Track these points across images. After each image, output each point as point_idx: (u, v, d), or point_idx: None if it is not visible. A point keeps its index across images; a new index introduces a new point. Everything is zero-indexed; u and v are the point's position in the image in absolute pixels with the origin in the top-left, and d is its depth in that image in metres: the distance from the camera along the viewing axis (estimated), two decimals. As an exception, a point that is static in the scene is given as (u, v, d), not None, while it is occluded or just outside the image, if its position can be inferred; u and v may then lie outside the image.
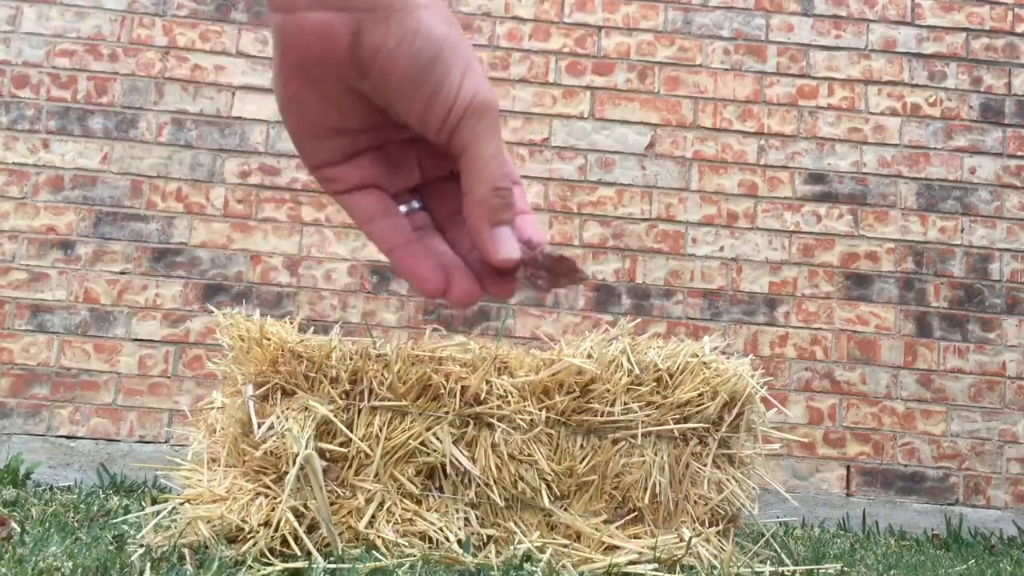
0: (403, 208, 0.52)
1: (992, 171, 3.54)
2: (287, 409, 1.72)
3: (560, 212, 3.44)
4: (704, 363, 1.84)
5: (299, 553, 1.57)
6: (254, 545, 1.58)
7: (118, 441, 3.23)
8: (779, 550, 1.99)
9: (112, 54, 3.44)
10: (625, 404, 1.77)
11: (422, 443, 1.72)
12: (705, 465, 1.83)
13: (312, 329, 2.13)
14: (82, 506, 2.25)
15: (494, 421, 1.74)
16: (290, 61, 0.46)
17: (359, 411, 1.74)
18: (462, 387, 1.74)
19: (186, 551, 1.53)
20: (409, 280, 0.51)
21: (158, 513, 1.69)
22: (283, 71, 0.47)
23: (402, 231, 0.51)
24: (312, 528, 1.64)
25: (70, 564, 1.35)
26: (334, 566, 1.48)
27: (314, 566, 1.45)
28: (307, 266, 3.37)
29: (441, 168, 0.52)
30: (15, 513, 2.02)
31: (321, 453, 1.69)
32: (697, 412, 1.81)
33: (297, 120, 0.49)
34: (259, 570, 1.45)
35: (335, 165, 0.50)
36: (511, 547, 1.67)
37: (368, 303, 3.36)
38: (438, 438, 1.72)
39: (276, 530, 1.60)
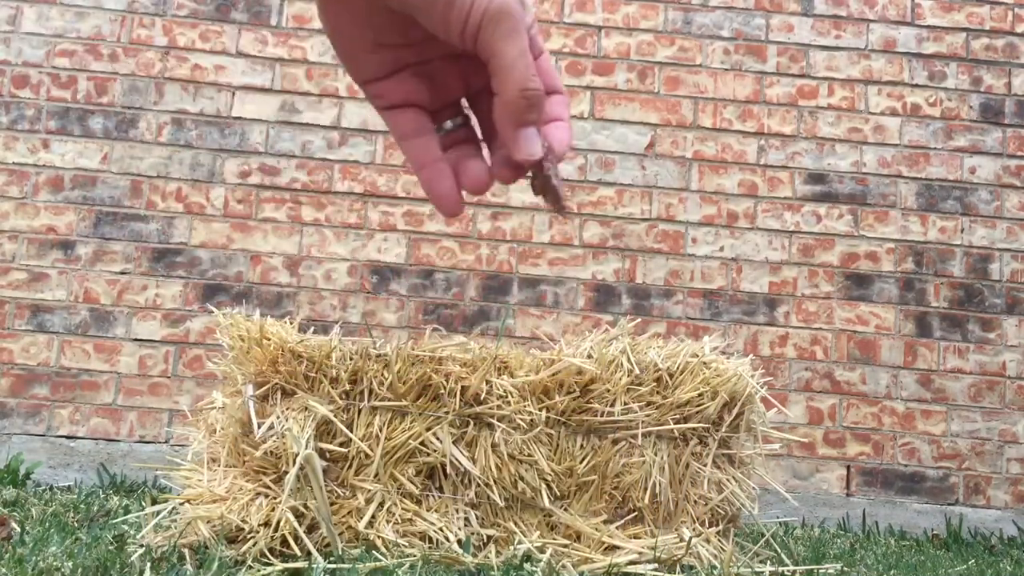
0: (448, 124, 0.55)
1: (992, 171, 3.54)
2: (287, 409, 1.72)
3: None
4: (704, 363, 1.84)
5: (299, 553, 1.57)
6: (254, 545, 1.58)
7: (118, 441, 3.23)
8: (779, 550, 1.99)
9: (112, 54, 3.44)
10: (625, 404, 1.77)
11: (422, 443, 1.72)
12: (705, 465, 1.83)
13: (312, 329, 2.13)
14: (82, 506, 2.25)
15: (494, 421, 1.74)
16: None
17: (359, 411, 1.74)
18: (462, 387, 1.74)
19: (186, 551, 1.53)
20: (429, 197, 0.54)
21: (158, 513, 1.69)
22: None
23: (431, 150, 0.54)
24: (312, 528, 1.64)
25: (70, 564, 1.35)
26: (334, 566, 1.48)
27: (314, 566, 1.45)
28: (307, 266, 3.37)
29: (484, 78, 0.54)
30: (15, 513, 2.02)
31: (321, 453, 1.69)
32: (697, 412, 1.81)
33: (339, 39, 0.53)
34: (259, 570, 1.45)
35: (379, 80, 0.53)
36: (511, 547, 1.67)
37: (368, 303, 3.36)
38: (438, 438, 1.72)
39: (276, 530, 1.60)
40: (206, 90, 3.44)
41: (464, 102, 0.57)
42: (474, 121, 0.58)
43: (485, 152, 0.56)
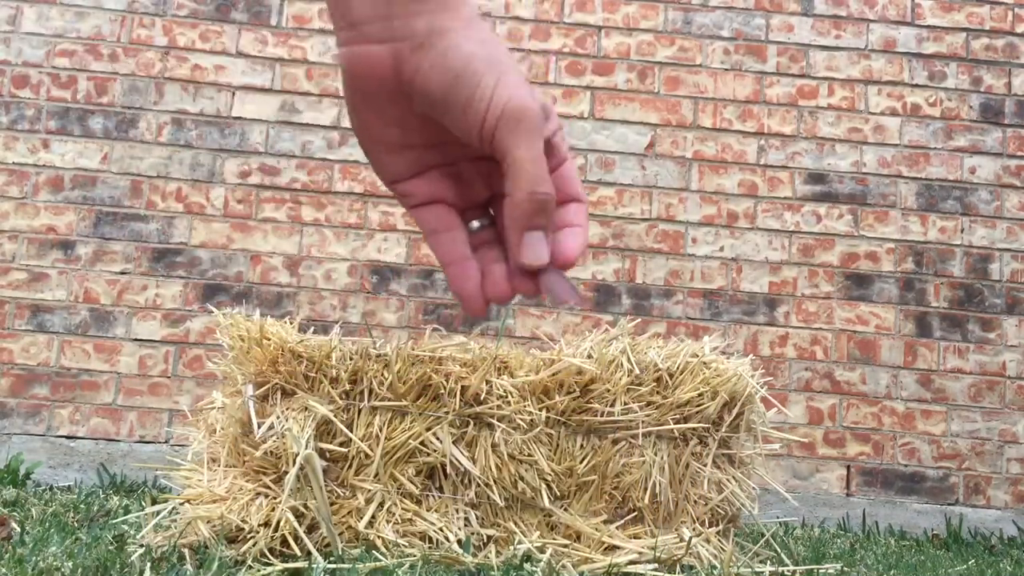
0: (475, 224, 0.56)
1: (992, 171, 3.54)
2: (287, 409, 1.72)
3: (560, 212, 3.44)
4: (704, 363, 1.84)
5: (299, 553, 1.57)
6: (254, 545, 1.58)
7: (118, 441, 3.23)
8: (779, 550, 1.99)
9: (112, 54, 3.44)
10: (625, 404, 1.77)
11: (422, 443, 1.72)
12: (705, 465, 1.83)
13: (312, 329, 2.13)
14: (82, 506, 2.25)
15: (494, 421, 1.74)
16: (351, 87, 0.52)
17: (359, 411, 1.74)
18: (462, 387, 1.74)
19: (186, 551, 1.53)
20: (453, 294, 0.54)
21: (158, 513, 1.69)
22: (349, 97, 0.53)
23: (459, 247, 0.54)
24: (312, 528, 1.64)
25: (70, 564, 1.35)
26: (334, 566, 1.48)
27: (314, 566, 1.45)
28: (307, 266, 3.37)
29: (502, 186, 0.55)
30: (15, 513, 2.02)
31: (321, 453, 1.69)
32: (697, 412, 1.81)
33: (367, 139, 0.54)
34: (259, 570, 1.45)
35: (406, 180, 0.54)
36: (511, 547, 1.67)
37: (368, 303, 3.36)
38: (438, 438, 1.72)
39: (276, 530, 1.60)
40: (206, 90, 3.44)
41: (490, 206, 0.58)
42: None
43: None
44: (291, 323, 1.85)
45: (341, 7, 0.51)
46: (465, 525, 1.70)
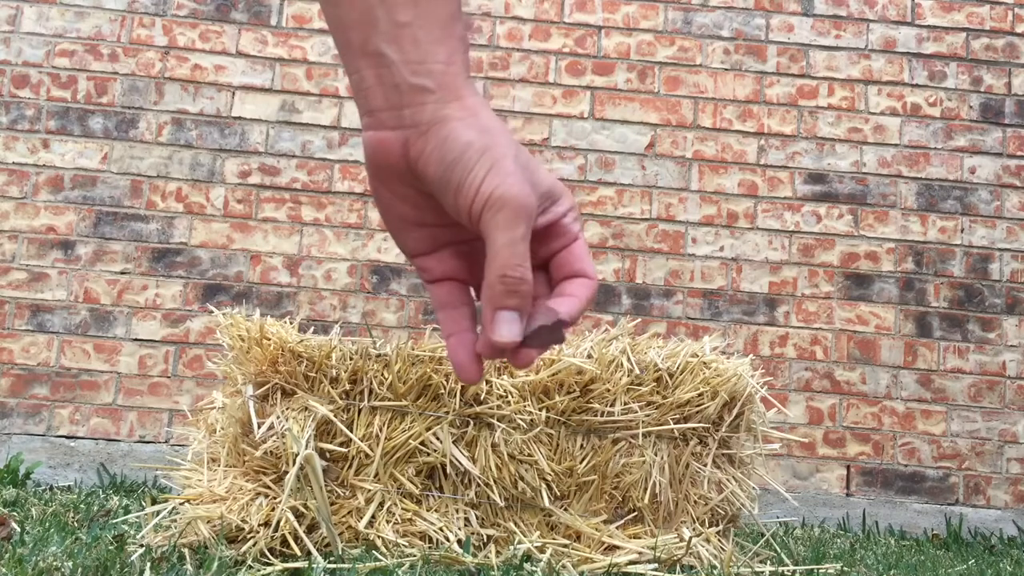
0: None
1: (992, 171, 3.54)
2: (287, 409, 1.72)
3: (560, 212, 3.44)
4: (704, 363, 1.84)
5: (299, 553, 1.57)
6: (254, 545, 1.58)
7: (118, 441, 3.23)
8: (779, 550, 1.99)
9: (112, 54, 3.44)
10: (625, 404, 1.77)
11: (422, 443, 1.72)
12: (705, 465, 1.83)
13: (312, 329, 2.13)
14: (82, 506, 2.25)
15: (494, 421, 1.74)
16: (371, 168, 0.57)
17: (359, 411, 1.74)
18: (462, 387, 1.74)
19: (186, 551, 1.53)
20: (451, 363, 0.58)
21: (158, 513, 1.69)
22: (370, 177, 0.58)
23: (462, 321, 0.58)
24: (312, 528, 1.64)
25: (70, 564, 1.35)
26: (334, 566, 1.48)
27: (314, 566, 1.45)
28: (307, 266, 3.37)
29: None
30: (15, 513, 2.02)
31: (321, 453, 1.69)
32: (697, 412, 1.81)
33: (388, 216, 0.59)
34: (259, 570, 1.45)
35: (424, 256, 0.59)
36: (511, 547, 1.67)
37: (368, 303, 3.36)
38: (438, 438, 1.72)
39: (276, 530, 1.60)
40: (206, 90, 3.44)
41: None
42: None
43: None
44: (291, 323, 1.85)
45: (362, 97, 0.56)
46: (465, 525, 1.70)
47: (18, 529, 1.72)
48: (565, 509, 1.75)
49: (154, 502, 1.91)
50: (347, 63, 0.57)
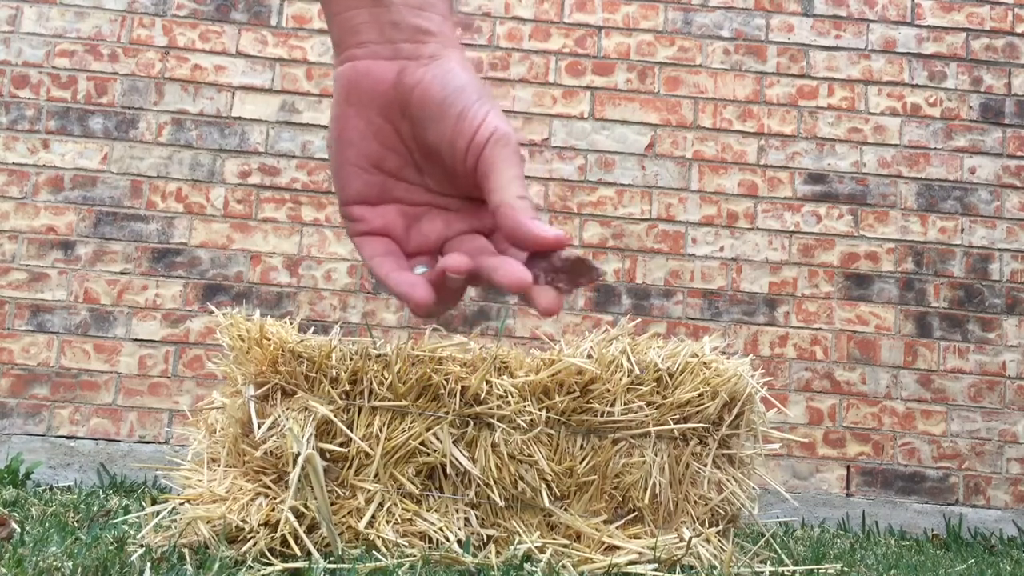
0: (420, 268, 0.58)
1: (992, 171, 3.54)
2: (287, 409, 1.72)
3: (560, 212, 3.44)
4: (704, 363, 1.84)
5: (299, 553, 1.57)
6: (254, 545, 1.58)
7: (118, 441, 3.23)
8: (779, 550, 1.99)
9: (112, 54, 3.44)
10: (625, 404, 1.77)
11: (422, 443, 1.72)
12: (705, 465, 1.83)
13: (312, 329, 2.13)
14: (82, 506, 2.25)
15: (494, 421, 1.74)
16: (344, 93, 0.56)
17: (359, 411, 1.74)
18: (462, 387, 1.74)
19: (186, 551, 1.53)
20: (399, 293, 0.55)
21: (158, 513, 1.69)
22: (339, 107, 0.56)
23: (401, 262, 0.57)
24: (312, 528, 1.64)
25: (70, 564, 1.35)
26: (334, 566, 1.48)
27: (314, 566, 1.45)
28: (307, 266, 3.37)
29: (461, 227, 0.58)
30: (15, 513, 2.02)
31: (321, 453, 1.69)
32: (697, 412, 1.81)
33: (343, 149, 0.57)
34: (259, 570, 1.45)
35: (365, 204, 0.58)
36: (511, 547, 1.67)
37: (368, 303, 3.36)
38: (438, 438, 1.72)
39: (276, 530, 1.60)
40: (206, 90, 3.44)
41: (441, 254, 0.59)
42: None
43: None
44: (291, 323, 1.85)
45: (349, 33, 0.56)
46: (465, 525, 1.70)
47: (18, 529, 1.72)
48: (565, 509, 1.75)
49: (154, 502, 1.91)
50: (335, 4, 0.56)
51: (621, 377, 1.78)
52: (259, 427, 1.69)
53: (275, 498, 1.66)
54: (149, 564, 1.41)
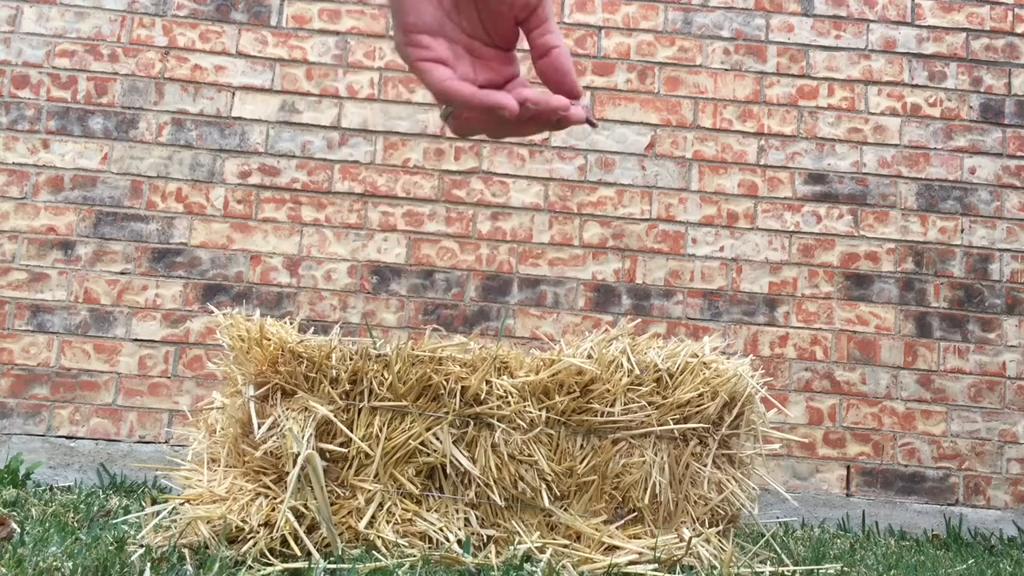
0: None
1: (992, 171, 3.54)
2: (287, 409, 1.72)
3: (560, 212, 3.44)
4: (704, 363, 1.84)
5: (299, 553, 1.57)
6: (254, 545, 1.58)
7: (118, 441, 3.23)
8: (779, 550, 1.99)
9: (112, 54, 3.44)
10: (625, 404, 1.77)
11: (422, 443, 1.72)
12: (705, 465, 1.83)
13: (312, 329, 2.13)
14: (82, 506, 2.25)
15: (494, 421, 1.74)
16: None
17: (359, 411, 1.74)
18: (462, 387, 1.74)
19: (186, 551, 1.53)
20: (493, 103, 0.61)
21: (158, 513, 1.69)
22: None
23: (472, 85, 0.62)
24: (312, 528, 1.64)
25: (70, 564, 1.35)
26: (334, 566, 1.48)
27: (314, 566, 1.45)
28: (307, 266, 3.37)
29: (486, 75, 0.64)
30: (15, 513, 2.02)
31: (321, 453, 1.69)
32: (697, 412, 1.81)
33: None
34: (259, 570, 1.45)
35: (428, 34, 0.61)
36: (511, 547, 1.67)
37: (368, 303, 3.36)
38: (438, 438, 1.72)
39: (276, 530, 1.60)
40: (206, 90, 3.44)
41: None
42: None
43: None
44: (291, 323, 1.85)
45: None
46: (465, 525, 1.70)
47: (18, 529, 1.72)
48: (565, 509, 1.75)
49: (154, 502, 1.91)
50: None
51: (621, 377, 1.78)
52: (259, 427, 1.69)
53: (275, 498, 1.66)
54: (149, 564, 1.41)
